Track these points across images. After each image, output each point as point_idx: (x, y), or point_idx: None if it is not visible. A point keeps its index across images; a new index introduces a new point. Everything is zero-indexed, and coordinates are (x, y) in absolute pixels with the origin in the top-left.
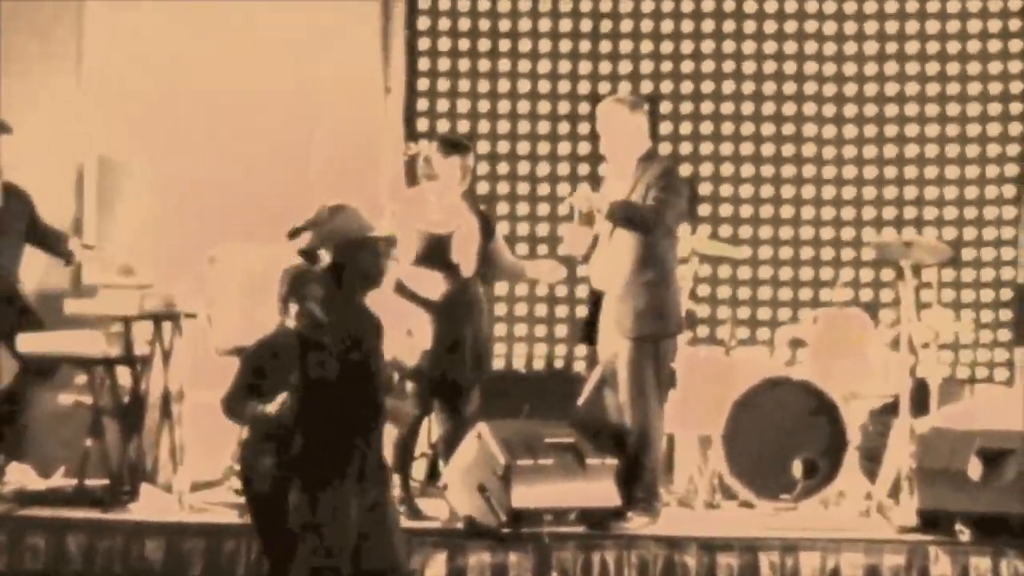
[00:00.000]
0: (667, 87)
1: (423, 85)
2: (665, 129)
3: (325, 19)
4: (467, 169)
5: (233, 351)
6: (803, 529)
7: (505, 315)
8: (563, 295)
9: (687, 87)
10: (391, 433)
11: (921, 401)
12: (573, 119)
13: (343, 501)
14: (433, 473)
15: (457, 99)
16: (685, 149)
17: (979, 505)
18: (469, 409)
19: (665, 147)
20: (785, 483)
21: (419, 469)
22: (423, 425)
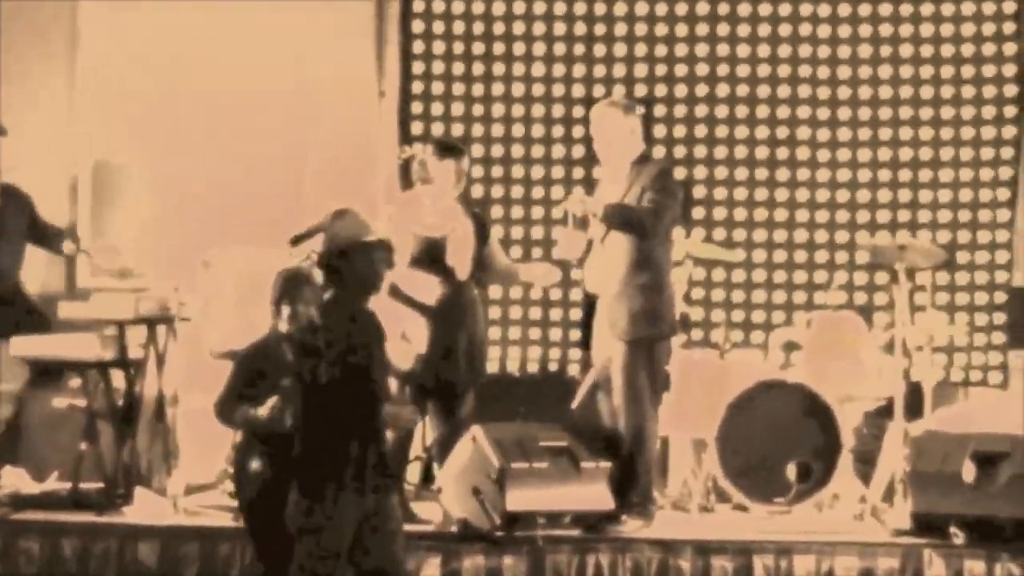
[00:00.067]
0: (661, 90)
1: (417, 88)
2: (659, 132)
3: (319, 23)
4: (462, 172)
5: (227, 354)
6: (797, 532)
7: (499, 318)
8: (557, 298)
9: (681, 90)
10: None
11: (915, 404)
12: (567, 122)
13: (340, 505)
14: (427, 476)
15: (451, 102)
16: (679, 152)
17: (973, 508)
18: (464, 412)
19: (659, 150)
20: (779, 486)
21: (413, 472)
22: (417, 428)
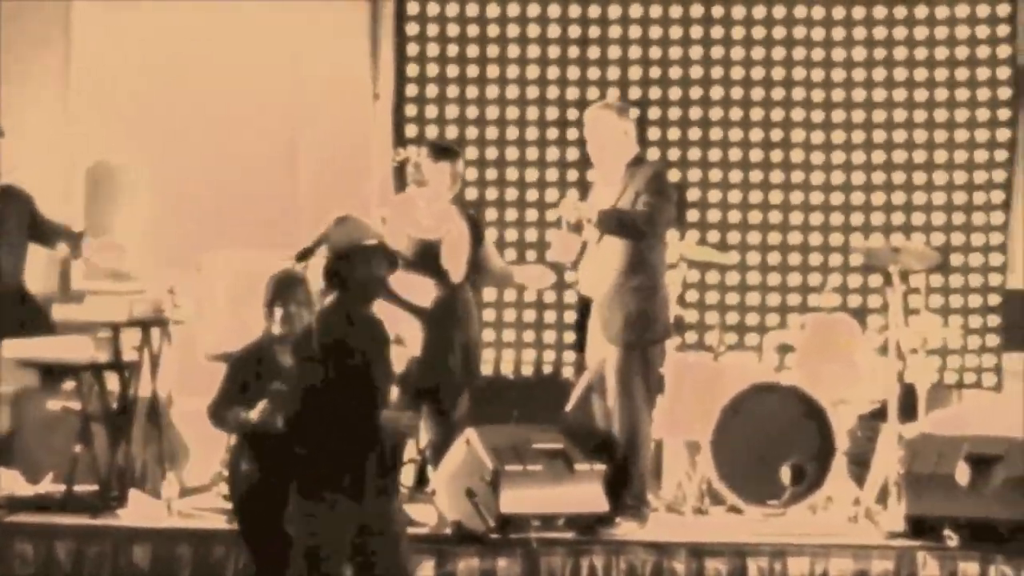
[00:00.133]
0: (655, 93)
1: (412, 91)
2: (653, 135)
3: (314, 25)
4: (456, 175)
5: (221, 356)
6: (791, 535)
7: (494, 321)
8: (551, 301)
9: (675, 93)
10: None
11: (909, 406)
12: (562, 125)
13: (338, 510)
14: (421, 479)
15: (446, 105)
16: (673, 155)
17: (967, 510)
18: (458, 415)
19: (653, 153)
20: (773, 489)
21: (407, 475)
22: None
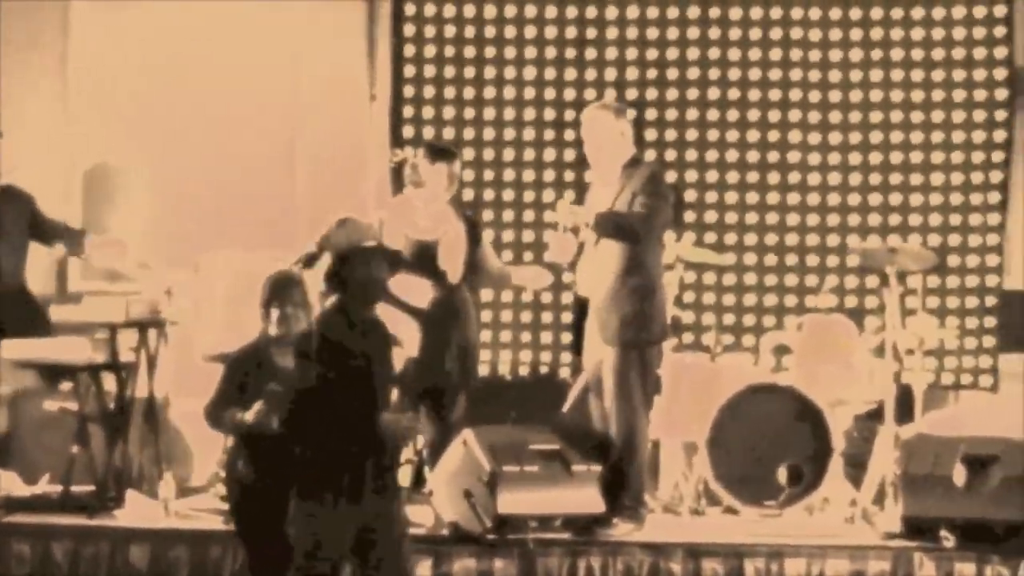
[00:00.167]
0: (652, 94)
1: (409, 92)
2: (650, 136)
3: (310, 26)
4: (454, 176)
5: (218, 357)
6: (788, 535)
7: (491, 321)
8: (548, 302)
9: (672, 94)
10: None
11: (906, 407)
12: (559, 125)
13: (338, 511)
14: (419, 479)
15: (443, 106)
16: (670, 156)
17: (964, 511)
18: (455, 415)
19: (650, 154)
20: (770, 489)
21: (405, 475)
22: None
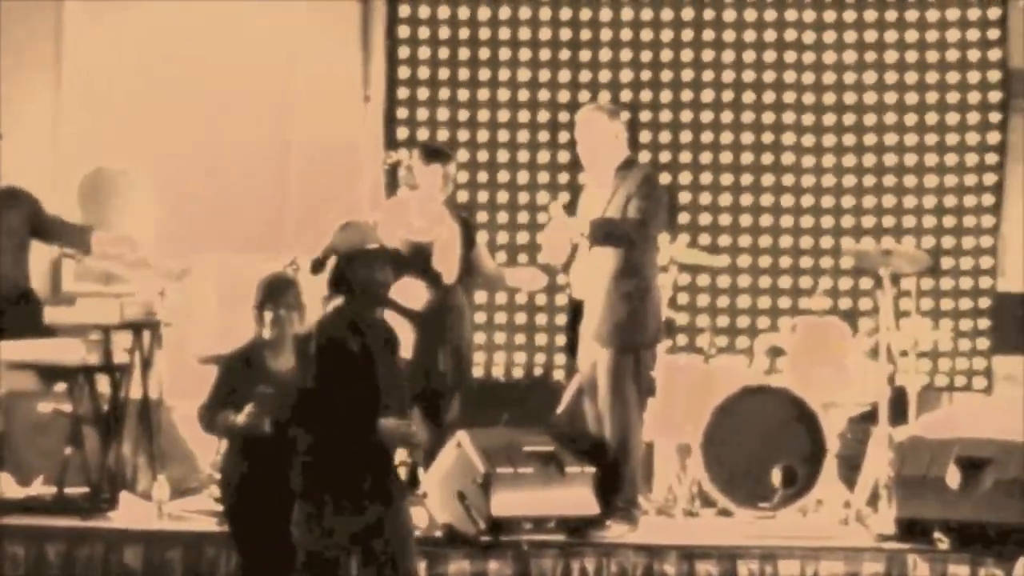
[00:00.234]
0: (646, 96)
1: (403, 93)
2: (644, 138)
3: (304, 28)
4: (448, 177)
5: (211, 359)
6: (782, 537)
7: (485, 323)
8: (543, 303)
9: (666, 96)
10: None
11: (900, 409)
12: (553, 127)
13: (338, 514)
14: (413, 481)
15: (437, 107)
16: (664, 158)
17: (957, 513)
18: (449, 417)
19: (644, 156)
20: (764, 491)
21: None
22: None
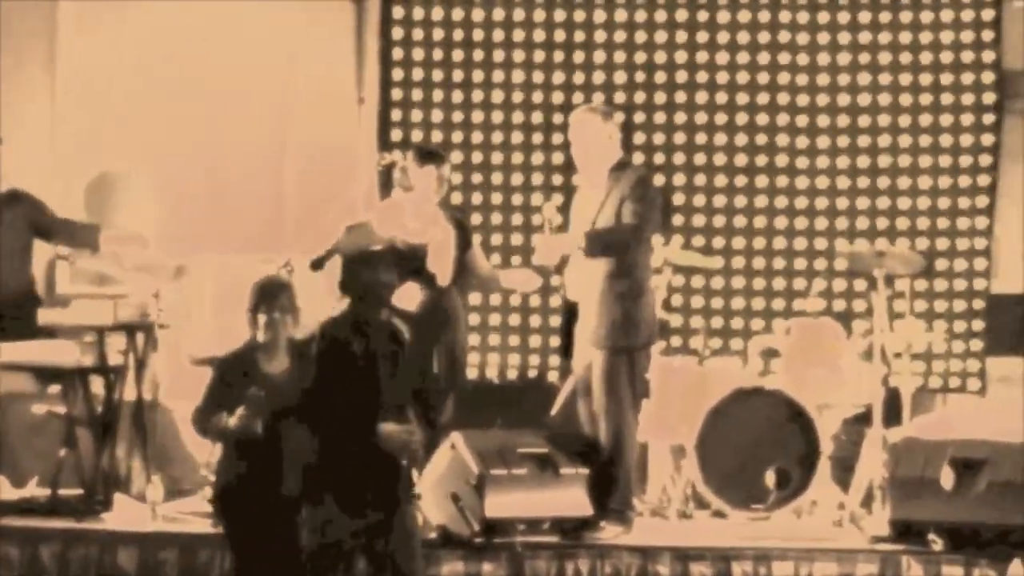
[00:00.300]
0: (640, 97)
1: (397, 95)
2: (638, 139)
3: (298, 30)
4: (443, 179)
5: (206, 360)
6: (776, 539)
7: (479, 325)
8: (537, 305)
9: (660, 97)
10: None
11: (894, 411)
12: (547, 129)
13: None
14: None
15: (431, 109)
16: (658, 159)
17: (952, 515)
18: (443, 419)
19: (638, 157)
20: (758, 493)
21: None
22: None
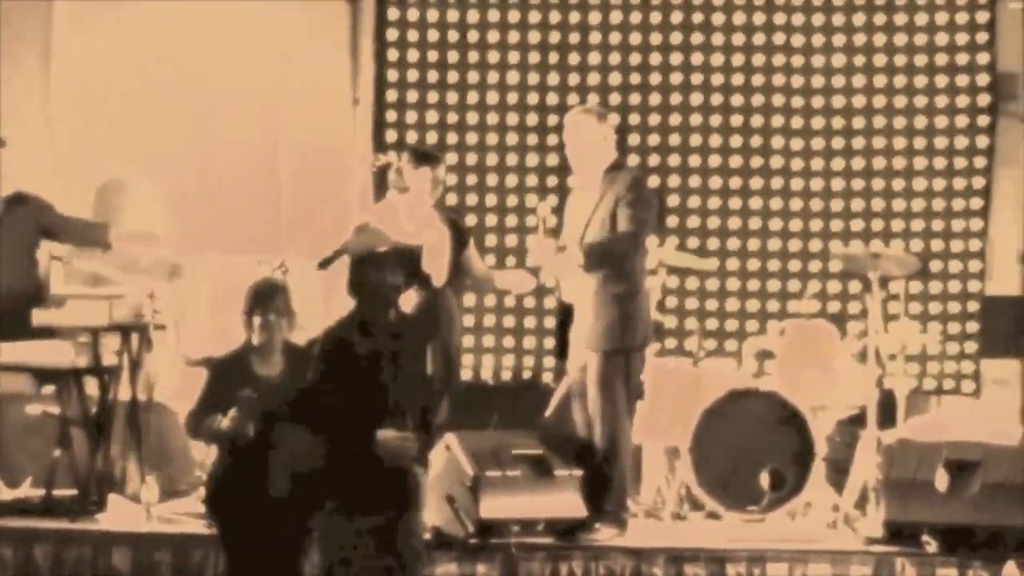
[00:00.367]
0: (635, 99)
1: (392, 96)
2: (633, 140)
3: (293, 31)
4: (438, 180)
5: (201, 361)
6: (770, 540)
7: (474, 326)
8: (531, 306)
9: (655, 99)
10: None
11: (888, 412)
12: (542, 130)
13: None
14: None
15: (426, 110)
16: (653, 161)
17: (946, 516)
18: (438, 420)
19: (633, 159)
20: (752, 494)
21: None
22: None
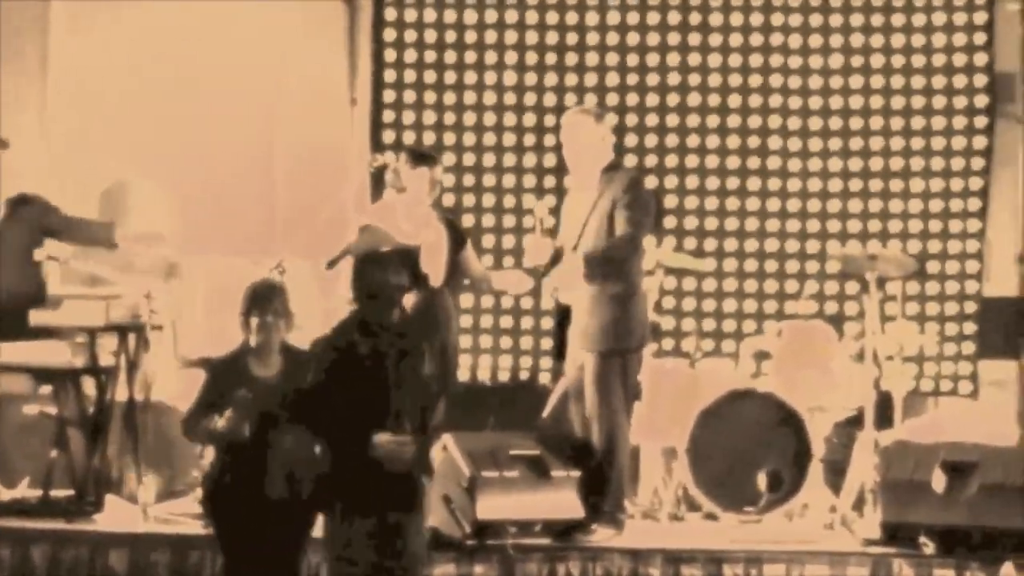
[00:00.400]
0: (633, 100)
1: (389, 97)
2: (630, 141)
3: (290, 31)
4: (435, 181)
5: (198, 362)
6: (767, 541)
7: (471, 326)
8: (528, 307)
9: (653, 100)
10: None
11: (885, 414)
12: (539, 131)
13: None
14: None
15: (423, 111)
16: (651, 161)
17: (943, 518)
18: (434, 421)
19: (631, 159)
20: (750, 495)
21: None
22: None
